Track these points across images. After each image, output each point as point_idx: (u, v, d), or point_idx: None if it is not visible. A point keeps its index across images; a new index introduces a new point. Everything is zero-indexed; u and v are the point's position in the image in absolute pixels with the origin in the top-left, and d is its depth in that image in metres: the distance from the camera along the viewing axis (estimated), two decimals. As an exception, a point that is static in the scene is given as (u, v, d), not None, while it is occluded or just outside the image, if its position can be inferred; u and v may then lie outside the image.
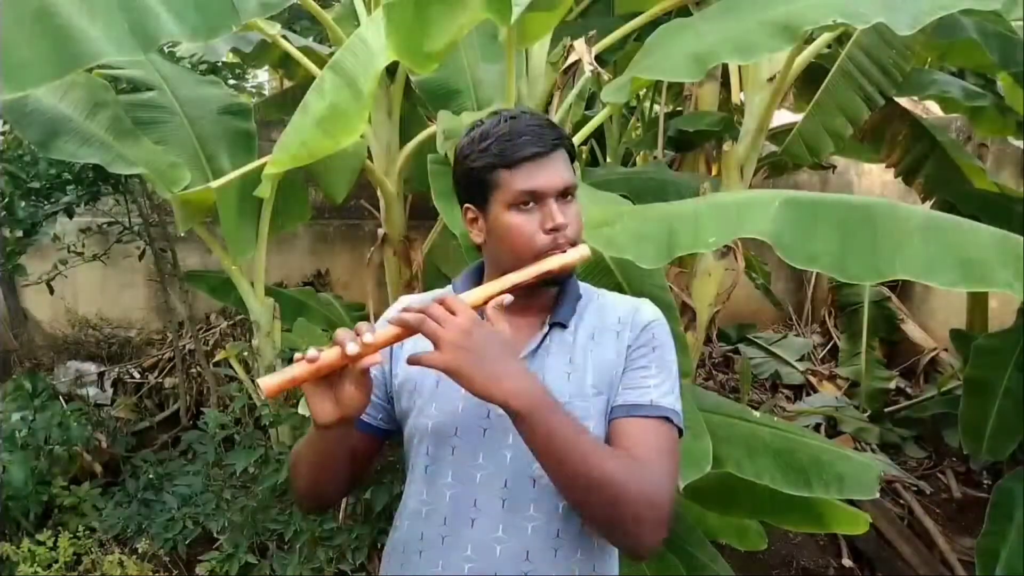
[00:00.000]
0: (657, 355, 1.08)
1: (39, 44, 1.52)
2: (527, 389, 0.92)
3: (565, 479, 0.93)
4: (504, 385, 0.91)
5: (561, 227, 1.04)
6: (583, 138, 2.54)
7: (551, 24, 2.38)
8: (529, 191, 1.03)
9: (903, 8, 1.86)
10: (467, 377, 0.91)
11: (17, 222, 2.80)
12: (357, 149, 2.70)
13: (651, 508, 0.94)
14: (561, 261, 1.04)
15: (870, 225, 1.51)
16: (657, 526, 0.95)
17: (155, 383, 4.18)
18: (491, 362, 0.91)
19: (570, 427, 0.93)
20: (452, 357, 0.90)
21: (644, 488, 0.94)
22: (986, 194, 3.49)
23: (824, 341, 5.56)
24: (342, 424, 0.98)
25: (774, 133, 3.59)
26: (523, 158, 1.03)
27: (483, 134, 1.06)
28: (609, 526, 0.96)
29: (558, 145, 1.06)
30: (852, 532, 2.21)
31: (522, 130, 1.04)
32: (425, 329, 0.92)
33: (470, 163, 1.07)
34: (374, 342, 0.93)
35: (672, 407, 1.04)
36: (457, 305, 0.94)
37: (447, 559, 1.05)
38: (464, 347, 0.91)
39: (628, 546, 0.98)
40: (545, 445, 0.92)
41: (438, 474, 1.08)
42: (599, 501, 0.93)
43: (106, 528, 2.75)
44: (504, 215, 1.05)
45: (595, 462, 0.92)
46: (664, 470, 0.98)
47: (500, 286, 1.01)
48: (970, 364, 3.26)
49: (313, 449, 1.06)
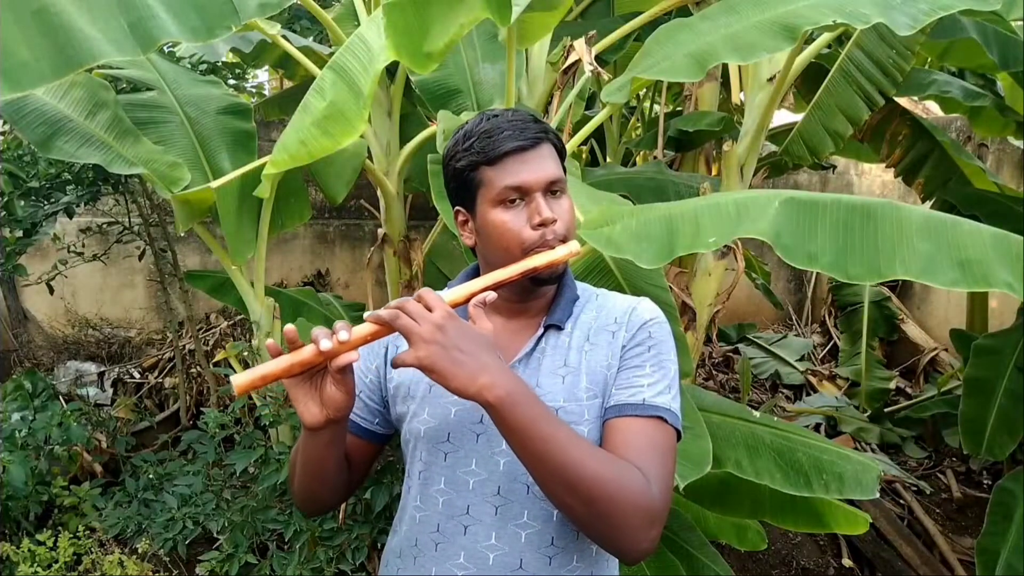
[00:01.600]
0: (653, 354, 1.04)
1: (39, 44, 1.52)
2: (503, 383, 0.88)
3: (545, 476, 0.89)
4: (480, 380, 0.87)
5: (548, 222, 1.01)
6: (583, 138, 2.54)
7: (551, 24, 2.38)
8: (514, 186, 1.01)
9: (903, 8, 1.86)
10: (440, 373, 0.87)
11: (17, 222, 2.80)
12: (357, 149, 2.70)
13: (636, 510, 0.89)
14: (548, 258, 1.01)
15: (870, 225, 1.51)
16: (644, 530, 0.90)
17: (155, 383, 4.18)
18: (466, 357, 0.88)
19: (550, 422, 0.90)
20: (425, 353, 0.87)
21: (630, 488, 0.90)
22: (986, 194, 3.49)
23: (824, 341, 5.57)
24: (330, 426, 0.97)
25: (774, 133, 3.60)
26: (504, 153, 1.01)
27: (466, 134, 1.05)
28: (592, 528, 0.91)
29: (541, 139, 1.03)
30: (852, 532, 2.20)
31: (503, 126, 1.02)
32: (398, 325, 0.89)
33: (455, 164, 1.05)
34: (349, 339, 0.91)
35: (667, 406, 1.00)
36: (433, 301, 0.91)
37: (440, 566, 1.04)
38: (437, 342, 0.87)
39: (615, 550, 0.94)
40: (523, 440, 0.88)
41: (431, 480, 1.06)
42: (580, 500, 0.88)
43: (106, 528, 2.75)
44: (491, 213, 1.03)
45: (575, 459, 0.88)
46: (655, 470, 0.94)
47: (483, 283, 0.99)
48: (970, 364, 3.26)
49: (305, 452, 1.04)
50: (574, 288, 1.13)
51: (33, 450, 2.88)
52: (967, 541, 3.45)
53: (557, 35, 2.59)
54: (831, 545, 3.41)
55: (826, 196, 1.59)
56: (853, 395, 4.75)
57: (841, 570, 3.27)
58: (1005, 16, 2.02)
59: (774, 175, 3.46)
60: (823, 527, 2.19)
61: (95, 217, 3.91)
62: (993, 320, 4.22)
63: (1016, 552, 2.66)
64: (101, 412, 3.56)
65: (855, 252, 1.48)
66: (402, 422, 1.11)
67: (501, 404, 0.87)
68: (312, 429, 0.97)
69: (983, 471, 4.06)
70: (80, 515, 2.91)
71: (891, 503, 3.67)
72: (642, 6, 2.88)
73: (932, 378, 4.90)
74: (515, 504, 1.02)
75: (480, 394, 0.87)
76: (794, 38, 1.87)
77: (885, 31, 3.01)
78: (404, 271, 2.99)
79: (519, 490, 1.02)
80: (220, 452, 2.63)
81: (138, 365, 4.34)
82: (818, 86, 3.21)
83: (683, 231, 1.61)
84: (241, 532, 2.48)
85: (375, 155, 2.88)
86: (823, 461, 1.99)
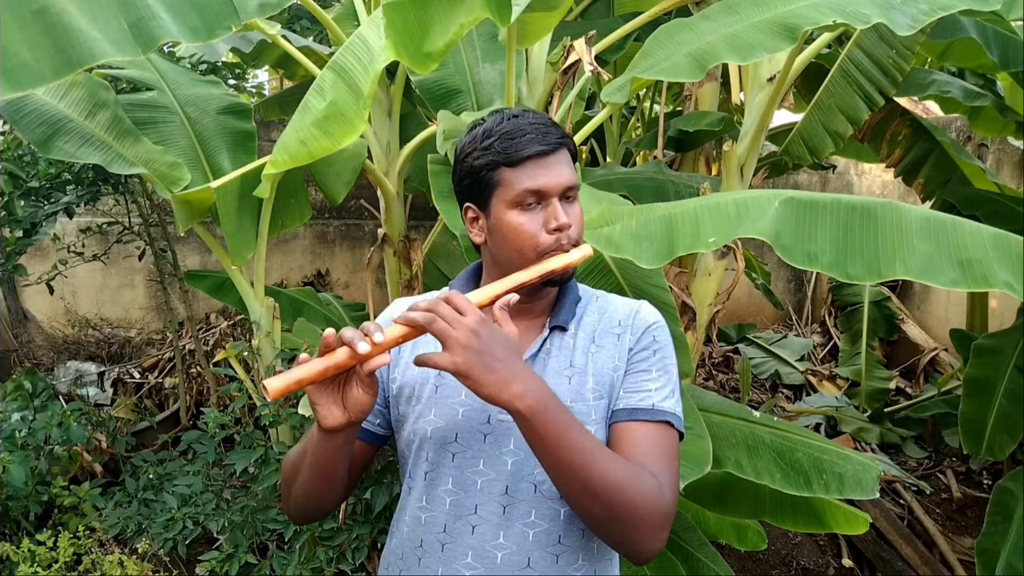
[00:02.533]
0: (658, 358, 1.07)
1: (39, 44, 1.52)
2: (534, 391, 0.89)
3: (569, 483, 0.91)
4: (512, 388, 0.88)
5: (565, 227, 1.02)
6: (583, 138, 2.54)
7: (551, 24, 2.38)
8: (533, 190, 1.02)
9: (903, 8, 1.86)
10: (475, 379, 0.88)
11: (17, 222, 2.80)
12: (357, 149, 2.70)
13: (653, 513, 0.92)
14: (565, 261, 1.02)
15: (870, 225, 1.51)
16: (658, 531, 0.94)
17: (155, 383, 4.19)
18: (499, 364, 0.88)
19: (577, 431, 0.91)
20: (463, 359, 0.87)
21: (646, 493, 0.92)
22: (986, 194, 3.49)
23: (824, 341, 5.57)
24: (348, 428, 0.97)
25: (774, 133, 3.60)
26: (527, 156, 1.02)
27: (485, 132, 1.05)
28: (611, 531, 0.94)
29: (561, 145, 1.04)
30: (852, 532, 2.20)
31: (526, 128, 1.03)
32: (435, 329, 0.89)
33: (472, 161, 1.05)
34: (384, 341, 0.90)
35: (673, 411, 1.03)
36: (465, 304, 0.91)
37: (447, 566, 1.04)
38: (474, 348, 0.88)
39: (629, 551, 0.96)
40: (551, 449, 0.89)
41: (438, 480, 1.06)
42: (602, 506, 0.91)
43: (106, 528, 2.75)
44: (507, 214, 1.03)
45: (600, 467, 0.90)
46: (666, 475, 0.97)
47: (505, 286, 0.99)
48: (970, 364, 3.26)
49: (315, 456, 1.02)
50: (576, 289, 1.14)
51: (33, 450, 2.89)
52: (967, 541, 3.45)
53: (557, 35, 2.59)
54: (831, 545, 3.41)
55: (826, 196, 1.59)
56: (853, 395, 4.75)
57: (841, 570, 3.27)
58: (1005, 16, 2.01)
59: (774, 175, 3.46)
60: (823, 527, 2.19)
61: (95, 217, 3.91)
62: (993, 320, 4.22)
63: (1016, 552, 2.66)
64: (101, 412, 3.56)
65: (855, 252, 1.48)
66: (403, 423, 1.11)
67: (532, 413, 0.88)
68: (330, 431, 0.96)
69: (983, 471, 4.06)
70: (80, 515, 2.91)
71: (891, 503, 3.67)
72: (642, 6, 2.88)
73: (932, 378, 4.91)
74: (522, 503, 1.03)
75: (511, 402, 0.88)
76: (794, 38, 1.87)
77: (885, 31, 3.01)
78: (404, 271, 2.98)
79: (526, 489, 1.03)
80: (220, 452, 2.63)
81: (138, 365, 4.34)
82: (818, 86, 3.21)
83: (683, 231, 1.61)
84: (241, 532, 2.48)
85: (375, 155, 2.88)
86: (823, 461, 1.99)
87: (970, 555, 3.26)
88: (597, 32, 2.51)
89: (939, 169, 3.66)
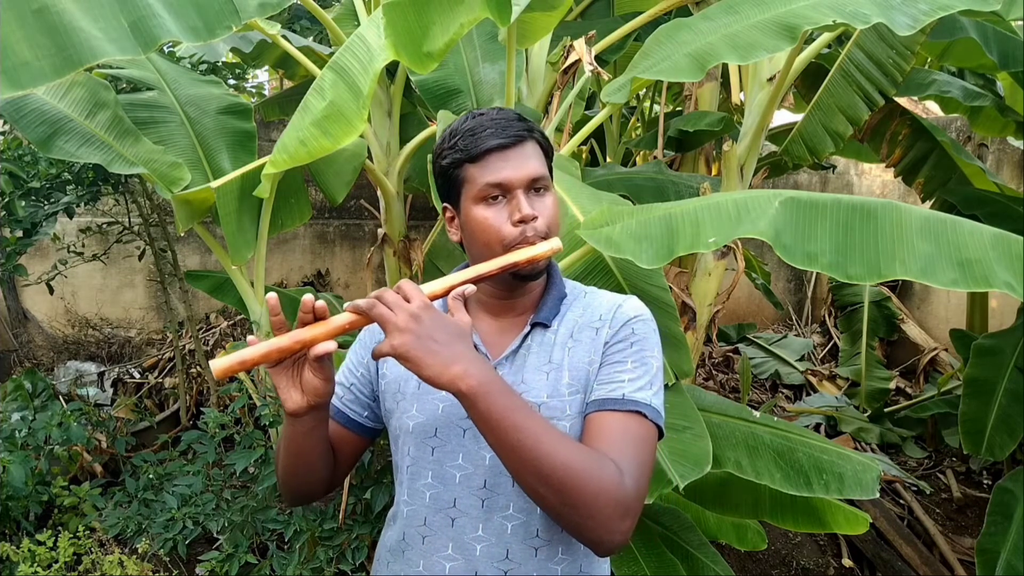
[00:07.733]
0: (635, 350, 1.05)
1: (39, 43, 1.52)
2: (476, 372, 0.89)
3: (517, 465, 0.90)
4: (453, 368, 0.88)
5: (528, 219, 1.02)
6: (583, 138, 2.54)
7: (551, 24, 2.39)
8: (495, 183, 1.03)
9: (903, 8, 1.86)
10: (414, 361, 0.89)
11: (17, 222, 2.80)
12: (357, 149, 2.70)
13: (609, 500, 0.89)
14: (528, 254, 1.01)
15: (870, 225, 1.51)
16: (617, 520, 0.90)
17: (155, 383, 4.18)
18: (440, 346, 0.89)
19: (522, 411, 0.90)
20: (400, 342, 0.89)
21: (603, 479, 0.90)
22: (986, 194, 3.49)
23: (824, 341, 5.57)
24: (311, 412, 0.99)
25: (774, 133, 3.60)
26: (486, 150, 1.03)
27: (451, 132, 1.07)
28: (564, 517, 0.91)
29: (524, 137, 1.05)
30: (852, 532, 2.21)
31: (486, 124, 1.04)
32: (375, 314, 0.91)
33: (441, 162, 1.08)
34: (330, 329, 0.93)
35: (646, 401, 1.01)
36: (412, 292, 0.93)
37: (428, 559, 1.05)
38: (412, 331, 0.89)
39: (587, 540, 0.93)
40: (495, 429, 0.89)
41: (418, 475, 1.08)
42: (553, 489, 0.89)
43: (106, 528, 2.75)
44: (473, 209, 1.05)
45: (547, 448, 0.89)
46: (629, 462, 0.94)
47: (463, 276, 1.00)
48: (970, 364, 3.26)
49: (287, 439, 1.06)
50: (562, 286, 1.14)
51: (33, 450, 2.88)
52: (967, 541, 3.46)
53: (557, 35, 2.59)
54: (831, 545, 3.41)
55: (826, 196, 1.59)
56: (853, 395, 4.75)
57: (841, 570, 3.27)
58: (1005, 16, 2.02)
59: (774, 175, 3.46)
60: (823, 527, 2.19)
61: (95, 217, 3.91)
62: (993, 320, 4.22)
63: (1016, 552, 2.66)
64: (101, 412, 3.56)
65: (855, 252, 1.49)
66: (390, 419, 1.13)
67: (473, 393, 0.88)
68: (294, 415, 0.99)
69: (983, 471, 4.06)
70: (80, 515, 2.90)
71: (891, 503, 3.67)
72: (642, 6, 2.88)
73: (932, 378, 4.91)
74: (501, 496, 1.03)
75: (453, 383, 0.88)
76: (794, 38, 1.87)
77: (885, 31, 3.01)
78: (404, 271, 2.99)
79: (504, 483, 1.03)
80: (220, 452, 2.63)
81: (138, 365, 4.34)
82: (818, 86, 3.21)
83: (683, 231, 1.61)
84: (241, 532, 2.48)
85: (375, 155, 2.88)
86: (823, 461, 1.99)
87: (970, 555, 3.26)
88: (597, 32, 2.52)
89: (939, 169, 3.67)
